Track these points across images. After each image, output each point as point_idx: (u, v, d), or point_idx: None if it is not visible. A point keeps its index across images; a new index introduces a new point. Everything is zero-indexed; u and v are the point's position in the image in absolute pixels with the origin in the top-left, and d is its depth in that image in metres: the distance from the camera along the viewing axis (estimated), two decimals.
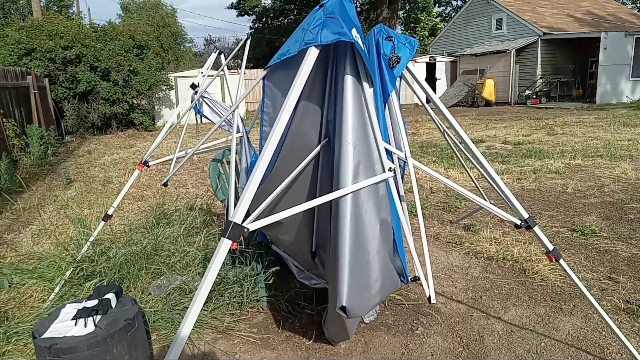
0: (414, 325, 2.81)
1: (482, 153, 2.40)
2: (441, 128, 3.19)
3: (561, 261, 2.37)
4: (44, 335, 2.10)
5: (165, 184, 3.66)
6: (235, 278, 3.11)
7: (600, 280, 3.28)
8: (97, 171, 8.02)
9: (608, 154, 7.53)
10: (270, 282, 3.06)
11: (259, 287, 3.08)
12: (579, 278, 2.87)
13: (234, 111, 3.19)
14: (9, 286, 3.13)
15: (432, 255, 3.81)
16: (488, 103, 18.67)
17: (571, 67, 19.25)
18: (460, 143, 3.08)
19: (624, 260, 3.57)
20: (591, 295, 2.43)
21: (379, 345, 2.62)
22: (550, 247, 2.37)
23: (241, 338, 2.71)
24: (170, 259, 3.40)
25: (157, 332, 2.74)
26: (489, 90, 18.60)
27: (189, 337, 2.65)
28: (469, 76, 19.88)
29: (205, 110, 4.01)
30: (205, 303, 2.92)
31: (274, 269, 3.03)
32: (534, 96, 18.04)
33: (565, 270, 2.38)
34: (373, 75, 2.29)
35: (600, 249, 3.83)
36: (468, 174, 3.68)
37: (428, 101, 2.76)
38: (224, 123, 3.59)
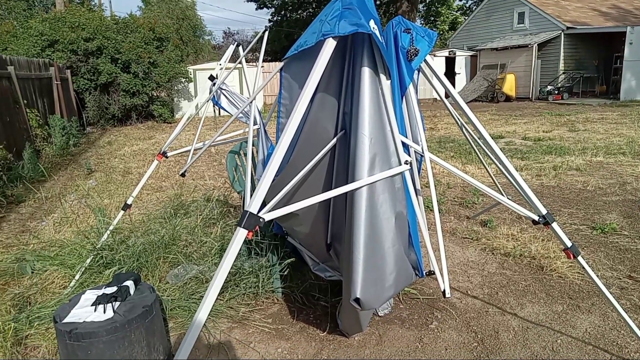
0: (429, 320, 2.80)
1: (501, 149, 2.38)
2: (459, 123, 3.16)
3: (579, 258, 2.34)
4: (65, 320, 2.15)
5: (183, 175, 3.71)
6: (251, 269, 3.14)
7: (620, 279, 3.22)
8: (117, 162, 8.16)
9: (631, 151, 7.36)
10: (286, 273, 3.08)
11: (274, 278, 3.11)
12: (598, 276, 2.83)
13: (251, 102, 3.21)
14: (32, 272, 3.22)
15: (447, 251, 3.79)
16: (508, 98, 18.38)
17: (595, 63, 18.81)
18: (478, 138, 3.05)
19: None
20: (610, 293, 2.39)
21: (393, 338, 2.62)
22: (569, 244, 2.33)
23: (256, 328, 2.74)
24: (187, 249, 3.45)
25: (175, 320, 2.79)
26: (509, 86, 18.31)
27: (205, 325, 2.70)
28: (489, 71, 19.58)
29: (223, 102, 4.04)
30: (221, 293, 2.98)
31: (289, 260, 3.05)
32: (556, 92, 17.69)
33: (583, 268, 2.34)
34: (390, 68, 2.28)
35: (621, 247, 3.75)
36: (486, 169, 3.64)
37: (447, 96, 2.74)
38: (241, 115, 3.61)
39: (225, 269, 1.74)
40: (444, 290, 2.46)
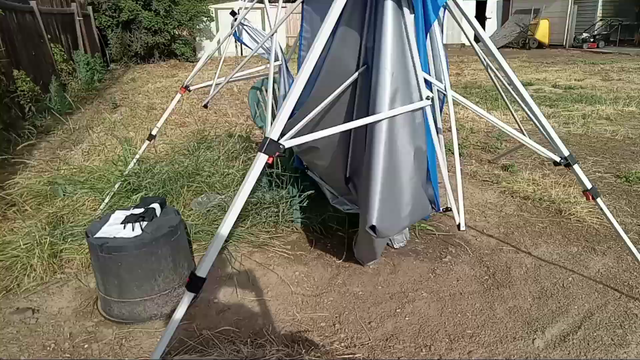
0: (443, 254, 2.88)
1: (529, 96, 2.33)
2: (485, 63, 3.07)
3: (598, 200, 2.33)
4: (96, 235, 2.28)
5: (205, 106, 3.74)
6: (271, 200, 3.23)
7: (639, 225, 3.22)
8: (141, 98, 8.23)
9: None
10: (305, 205, 3.17)
11: (294, 209, 3.20)
12: (617, 222, 2.83)
13: (272, 35, 3.15)
14: (64, 195, 3.37)
15: (467, 192, 3.81)
16: (541, 45, 17.61)
17: (636, 10, 17.66)
18: (508, 84, 2.97)
19: None
20: (627, 237, 2.39)
21: (407, 269, 2.71)
22: (589, 186, 2.32)
23: (275, 253, 2.86)
24: (210, 179, 3.55)
25: (198, 243, 2.92)
26: (542, 32, 17.47)
27: (226, 248, 2.83)
28: (521, 16, 18.64)
29: (245, 37, 3.98)
30: (242, 220, 3.09)
31: (308, 192, 3.12)
32: (592, 39, 16.84)
33: (602, 210, 2.34)
34: (415, 2, 2.21)
35: None
36: (512, 115, 3.58)
37: (477, 40, 2.65)
38: (262, 51, 3.57)
39: (246, 190, 1.79)
40: (459, 223, 2.49)
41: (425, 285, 2.55)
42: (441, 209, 2.95)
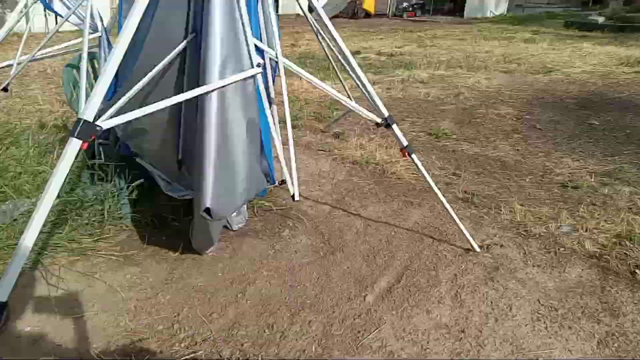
0: (281, 229, 2.95)
1: (358, 64, 2.46)
2: (317, 34, 3.15)
3: (413, 156, 2.59)
4: None
5: (5, 89, 3.20)
6: (95, 196, 2.93)
7: (447, 175, 3.70)
8: None
9: (467, 64, 8.19)
10: (135, 197, 2.94)
11: (122, 203, 2.95)
12: (429, 175, 3.20)
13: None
14: None
15: (302, 163, 3.94)
16: (368, 14, 18.88)
17: None
18: (339, 53, 3.08)
19: (467, 158, 4.05)
20: (437, 188, 2.72)
21: (247, 250, 2.71)
22: (405, 143, 2.56)
23: (102, 257, 2.61)
24: (17, 181, 3.07)
25: (3, 262, 2.51)
26: (369, 2, 18.75)
27: (41, 262, 2.49)
28: None
29: (57, 5, 3.43)
30: (60, 226, 2.75)
31: (137, 182, 2.90)
32: (410, 9, 18.63)
33: (416, 165, 2.61)
34: None
35: (449, 149, 4.27)
36: (342, 83, 3.76)
37: (311, 10, 2.66)
38: (79, 21, 3.13)
39: (55, 186, 1.57)
40: (293, 194, 2.55)
41: (265, 263, 2.59)
42: (277, 182, 3.00)
